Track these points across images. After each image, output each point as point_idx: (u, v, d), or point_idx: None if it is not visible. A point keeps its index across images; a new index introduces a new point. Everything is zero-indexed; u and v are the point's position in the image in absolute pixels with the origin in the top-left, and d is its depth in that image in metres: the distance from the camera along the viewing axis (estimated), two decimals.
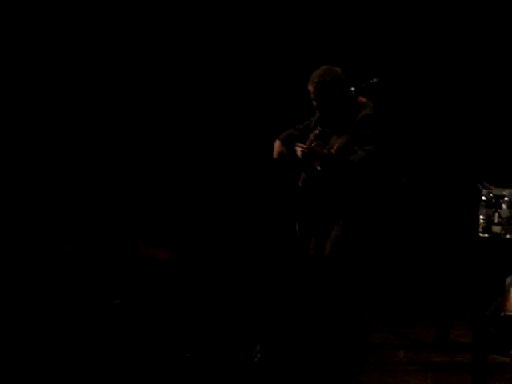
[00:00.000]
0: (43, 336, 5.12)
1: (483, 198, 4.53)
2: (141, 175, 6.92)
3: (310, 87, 4.97)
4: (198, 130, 7.04)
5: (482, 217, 4.52)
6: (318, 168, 4.93)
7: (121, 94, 6.97)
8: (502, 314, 5.41)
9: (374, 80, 5.20)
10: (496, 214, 4.51)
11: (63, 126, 6.90)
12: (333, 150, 4.90)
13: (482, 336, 4.57)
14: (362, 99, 4.99)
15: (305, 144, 4.93)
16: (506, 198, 4.44)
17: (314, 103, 5.00)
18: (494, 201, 4.50)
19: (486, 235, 4.51)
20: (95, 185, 6.82)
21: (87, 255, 5.93)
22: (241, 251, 6.12)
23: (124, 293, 5.62)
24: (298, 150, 4.91)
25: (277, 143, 5.14)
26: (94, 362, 4.87)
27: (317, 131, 4.97)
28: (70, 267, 5.80)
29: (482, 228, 4.52)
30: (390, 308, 5.99)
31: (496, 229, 4.48)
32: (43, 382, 4.62)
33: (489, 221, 4.49)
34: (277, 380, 4.77)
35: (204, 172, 7.00)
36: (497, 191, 4.49)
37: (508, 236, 4.40)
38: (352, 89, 5.06)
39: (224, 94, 7.01)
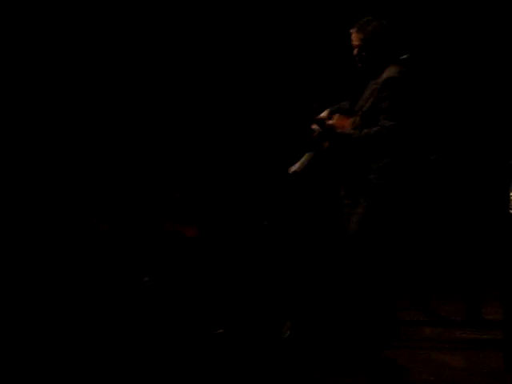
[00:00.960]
0: (73, 309, 5.17)
1: None
2: (171, 153, 6.94)
3: (362, 32, 4.80)
4: (225, 109, 7.06)
5: None
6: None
7: (145, 82, 7.02)
8: None
9: (404, 56, 5.15)
10: None
11: (94, 114, 6.97)
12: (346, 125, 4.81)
13: None
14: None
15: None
16: None
17: (360, 52, 4.82)
18: None
19: None
20: (125, 164, 6.85)
21: (117, 233, 5.96)
22: (269, 228, 6.12)
23: (154, 270, 5.65)
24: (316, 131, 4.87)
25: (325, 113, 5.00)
26: (124, 337, 4.90)
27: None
28: (100, 244, 5.84)
29: None
30: (420, 285, 5.97)
31: None
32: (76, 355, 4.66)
33: None
34: (306, 356, 4.78)
35: (233, 150, 7.01)
36: None
37: None
38: None
39: (248, 79, 7.04)
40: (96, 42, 6.92)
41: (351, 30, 4.84)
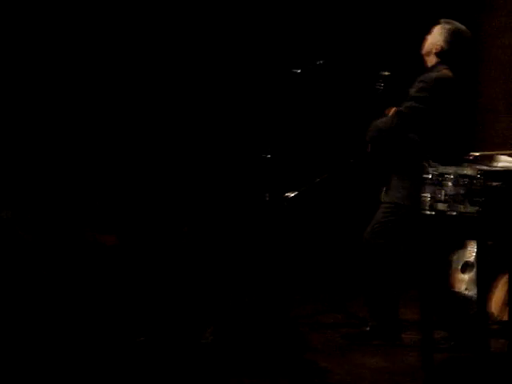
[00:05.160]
0: None
1: (429, 175, 4.56)
2: (89, 163, 6.89)
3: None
4: (143, 118, 7.06)
5: (427, 194, 4.55)
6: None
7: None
8: (448, 290, 5.51)
9: (320, 62, 5.24)
10: (441, 192, 4.54)
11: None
12: None
13: (429, 312, 4.62)
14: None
15: None
16: (451, 176, 4.47)
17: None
18: (439, 178, 4.52)
19: (432, 213, 4.54)
20: (46, 172, 6.78)
21: (41, 242, 5.89)
22: (189, 234, 6.12)
23: (75, 278, 5.60)
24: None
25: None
26: (46, 348, 4.85)
27: None
28: (23, 254, 5.77)
29: (428, 206, 4.55)
30: (339, 287, 6.03)
31: (441, 206, 4.51)
32: None
33: (434, 198, 4.53)
34: (229, 362, 4.79)
35: (151, 157, 6.99)
36: (442, 169, 4.52)
37: (453, 213, 4.44)
38: (298, 71, 5.10)
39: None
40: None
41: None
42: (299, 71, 5.11)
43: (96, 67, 6.89)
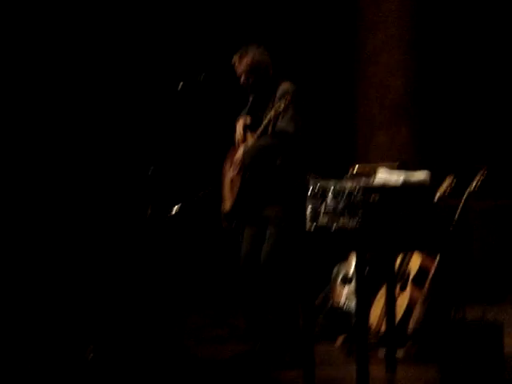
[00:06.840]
0: None
1: (310, 189, 4.60)
2: None
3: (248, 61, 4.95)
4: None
5: (308, 208, 4.59)
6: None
7: None
8: (330, 303, 5.60)
9: (202, 75, 5.27)
10: (322, 205, 4.58)
11: None
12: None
13: (311, 325, 4.68)
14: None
15: None
16: (331, 189, 4.52)
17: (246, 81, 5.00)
18: (320, 192, 4.57)
19: (313, 225, 4.58)
20: None
21: None
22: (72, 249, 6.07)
23: None
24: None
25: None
26: None
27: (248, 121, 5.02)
28: None
29: (309, 219, 4.59)
30: (223, 300, 6.04)
31: (322, 219, 4.55)
32: None
33: (315, 211, 4.57)
34: (110, 379, 4.74)
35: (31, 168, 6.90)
36: (323, 182, 4.57)
37: (333, 226, 4.50)
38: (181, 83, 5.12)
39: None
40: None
41: (234, 59, 4.97)
42: (182, 84, 5.12)
43: None
